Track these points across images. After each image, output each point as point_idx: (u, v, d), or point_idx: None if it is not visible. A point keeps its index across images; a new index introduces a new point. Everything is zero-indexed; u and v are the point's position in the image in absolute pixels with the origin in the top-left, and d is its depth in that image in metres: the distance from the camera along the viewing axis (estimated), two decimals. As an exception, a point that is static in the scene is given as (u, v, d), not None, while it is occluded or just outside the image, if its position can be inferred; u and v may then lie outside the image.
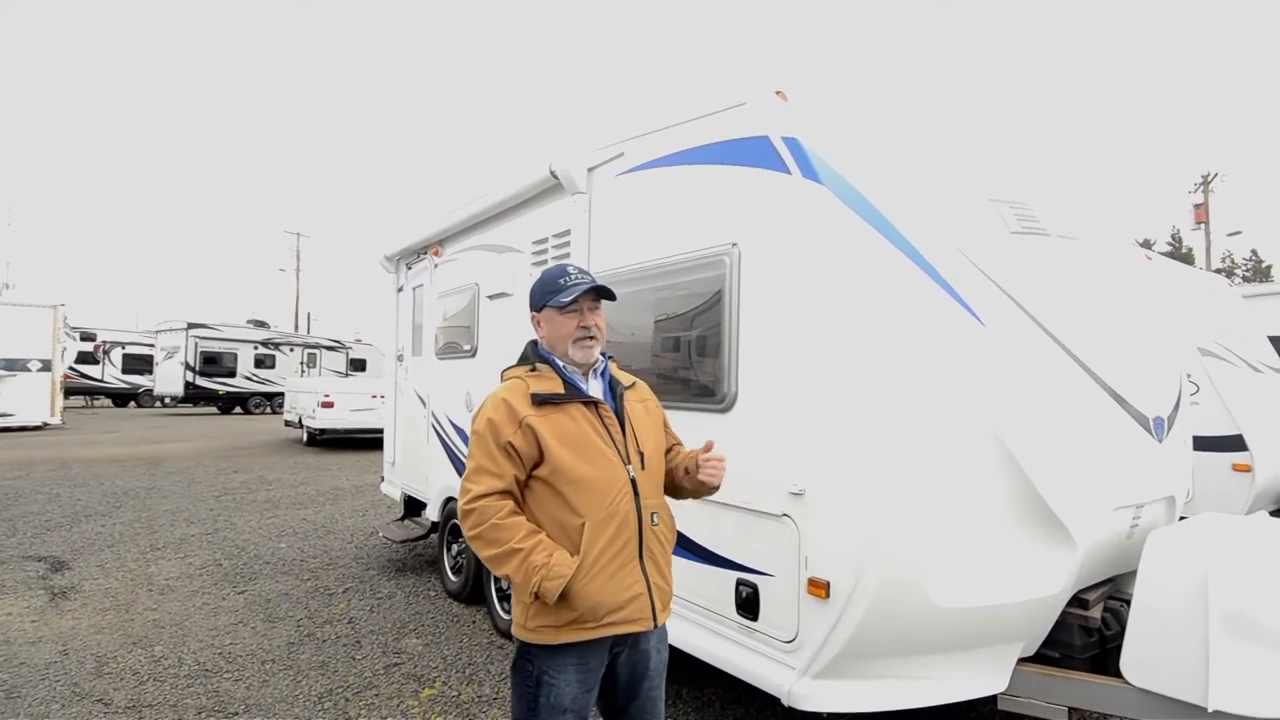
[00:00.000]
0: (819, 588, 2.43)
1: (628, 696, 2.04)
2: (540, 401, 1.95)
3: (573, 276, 2.08)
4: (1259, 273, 33.73)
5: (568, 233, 4.01)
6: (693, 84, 3.64)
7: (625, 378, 2.21)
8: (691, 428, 3.08)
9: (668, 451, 2.22)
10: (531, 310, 2.14)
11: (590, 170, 3.87)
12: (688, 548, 3.08)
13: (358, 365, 29.54)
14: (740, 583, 2.77)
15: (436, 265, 5.87)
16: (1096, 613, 2.84)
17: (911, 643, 2.44)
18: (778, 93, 2.80)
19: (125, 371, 28.78)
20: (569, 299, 2.02)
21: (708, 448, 2.13)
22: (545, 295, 2.07)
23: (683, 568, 3.10)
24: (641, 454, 2.03)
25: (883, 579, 2.31)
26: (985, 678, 2.57)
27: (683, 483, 2.18)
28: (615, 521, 1.92)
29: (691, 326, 3.15)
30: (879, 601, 2.31)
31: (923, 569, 2.35)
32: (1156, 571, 2.52)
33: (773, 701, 2.61)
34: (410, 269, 6.59)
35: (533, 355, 2.10)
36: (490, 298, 4.84)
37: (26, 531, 7.20)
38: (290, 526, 7.68)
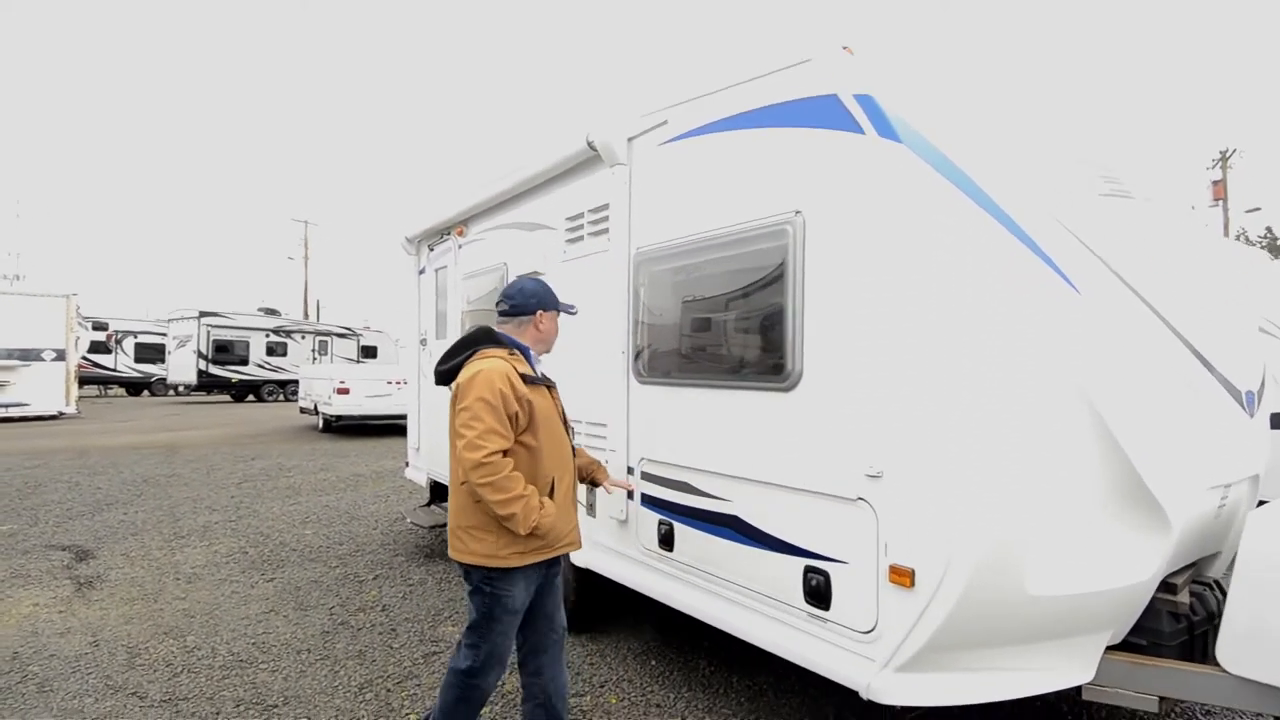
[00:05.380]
0: (902, 576, 2.28)
1: (547, 589, 2.69)
2: (527, 382, 2.52)
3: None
4: (1274, 249, 33.13)
5: (606, 207, 3.84)
6: (734, 45, 3.44)
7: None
8: (750, 408, 2.93)
9: None
10: (540, 309, 2.76)
11: (630, 140, 3.69)
12: (746, 532, 2.93)
13: (369, 352, 29.55)
14: (809, 570, 2.62)
15: (461, 246, 5.71)
16: (1185, 597, 2.69)
17: (1003, 633, 2.29)
18: (844, 47, 2.62)
19: (138, 360, 28.83)
20: (574, 310, 2.89)
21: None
22: (558, 302, 2.85)
23: (741, 553, 2.96)
24: (571, 428, 2.82)
25: (976, 566, 2.15)
26: (1073, 668, 2.43)
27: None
28: (568, 476, 2.66)
29: (747, 302, 2.99)
30: (971, 589, 2.16)
31: (1019, 555, 2.19)
32: (1262, 554, 2.35)
33: (828, 690, 2.48)
34: (433, 250, 6.43)
35: (508, 342, 2.65)
36: (520, 277, 4.67)
37: (49, 520, 7.13)
38: (314, 513, 7.59)
